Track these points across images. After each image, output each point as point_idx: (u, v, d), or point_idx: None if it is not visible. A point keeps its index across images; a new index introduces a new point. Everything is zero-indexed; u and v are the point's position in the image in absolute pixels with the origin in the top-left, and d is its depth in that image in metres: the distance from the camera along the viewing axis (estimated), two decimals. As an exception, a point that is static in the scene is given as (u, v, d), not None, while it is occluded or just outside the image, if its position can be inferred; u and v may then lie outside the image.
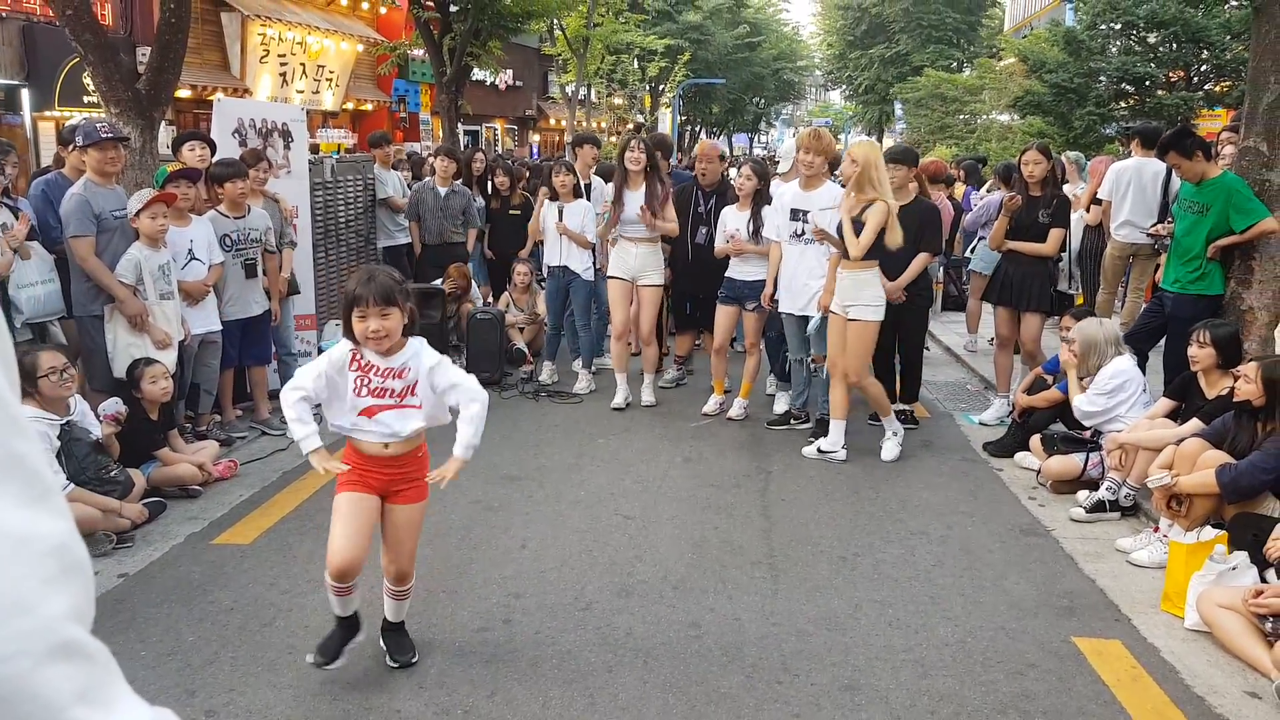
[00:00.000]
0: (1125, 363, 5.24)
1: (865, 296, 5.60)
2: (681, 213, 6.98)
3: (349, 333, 3.09)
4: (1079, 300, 7.48)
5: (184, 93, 14.62)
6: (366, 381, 3.12)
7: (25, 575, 0.56)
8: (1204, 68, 15.13)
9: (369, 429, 3.15)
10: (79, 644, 0.59)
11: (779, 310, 6.30)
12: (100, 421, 4.78)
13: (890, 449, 5.86)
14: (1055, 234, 6.23)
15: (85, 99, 13.03)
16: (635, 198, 6.73)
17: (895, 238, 5.54)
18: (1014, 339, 6.64)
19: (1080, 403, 5.27)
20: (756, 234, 6.38)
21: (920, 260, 6.26)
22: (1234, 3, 14.61)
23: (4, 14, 12.44)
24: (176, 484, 5.06)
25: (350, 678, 3.30)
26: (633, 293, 6.95)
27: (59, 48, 11.84)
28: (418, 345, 3.20)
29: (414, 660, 3.37)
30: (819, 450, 5.85)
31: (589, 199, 7.43)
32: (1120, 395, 5.16)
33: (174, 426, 5.40)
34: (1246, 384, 4.12)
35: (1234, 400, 4.21)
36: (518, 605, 3.86)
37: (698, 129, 42.93)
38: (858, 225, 5.51)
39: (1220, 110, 15.43)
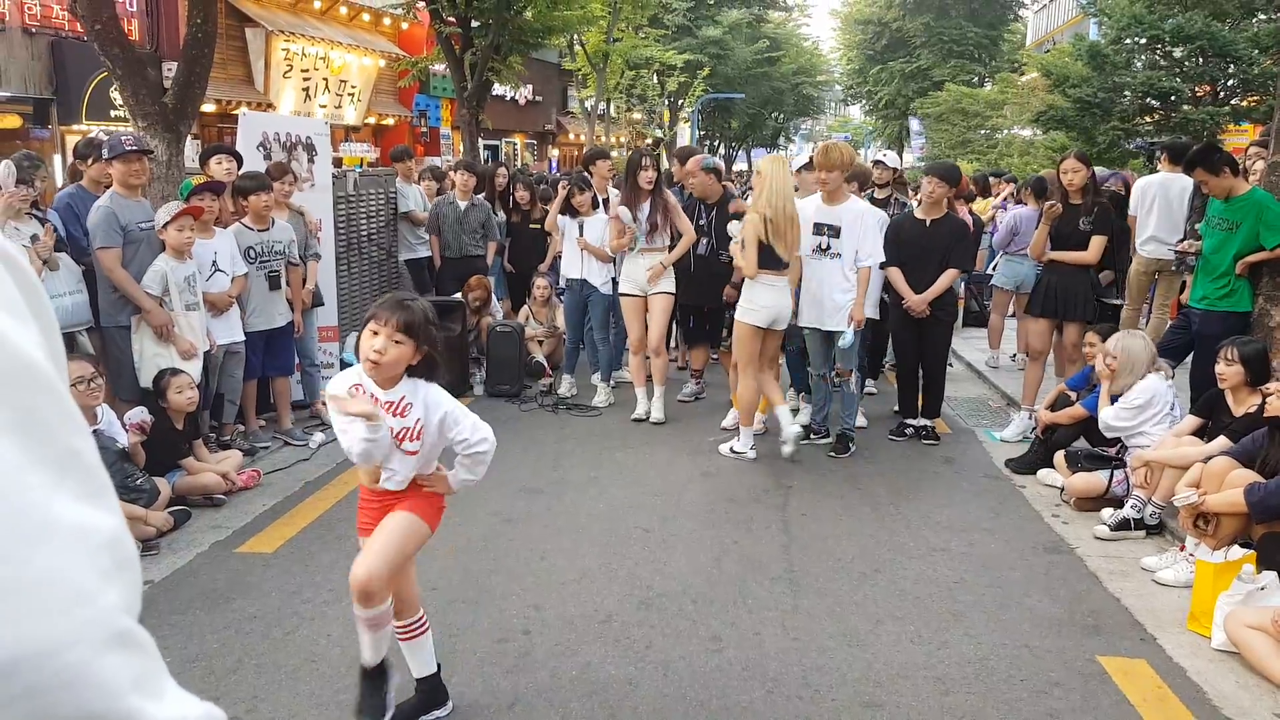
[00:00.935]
0: (1157, 381, 5.18)
1: (747, 300, 6.01)
2: None
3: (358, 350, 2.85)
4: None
5: (209, 107, 14.79)
6: None
7: (85, 567, 0.58)
8: (1231, 82, 14.99)
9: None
10: (133, 635, 0.61)
11: (801, 325, 6.29)
12: (126, 430, 4.82)
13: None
14: (1097, 241, 6.17)
15: (112, 113, 13.22)
16: (644, 211, 6.77)
17: (780, 249, 5.82)
18: (1047, 353, 6.59)
19: (1107, 416, 5.22)
20: None
21: (947, 276, 6.25)
22: (1262, 16, 14.49)
23: (34, 29, 12.65)
24: (201, 493, 5.10)
25: (371, 688, 3.30)
26: (646, 305, 6.97)
27: (87, 63, 12.04)
28: (428, 389, 2.88)
29: None
30: (731, 450, 6.08)
31: (608, 212, 7.46)
32: (1148, 411, 5.11)
33: (199, 436, 5.45)
34: None
35: (1266, 417, 4.15)
36: (537, 617, 3.86)
37: (716, 144, 42.99)
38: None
39: (1247, 125, 15.30)
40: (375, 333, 2.74)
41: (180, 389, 5.17)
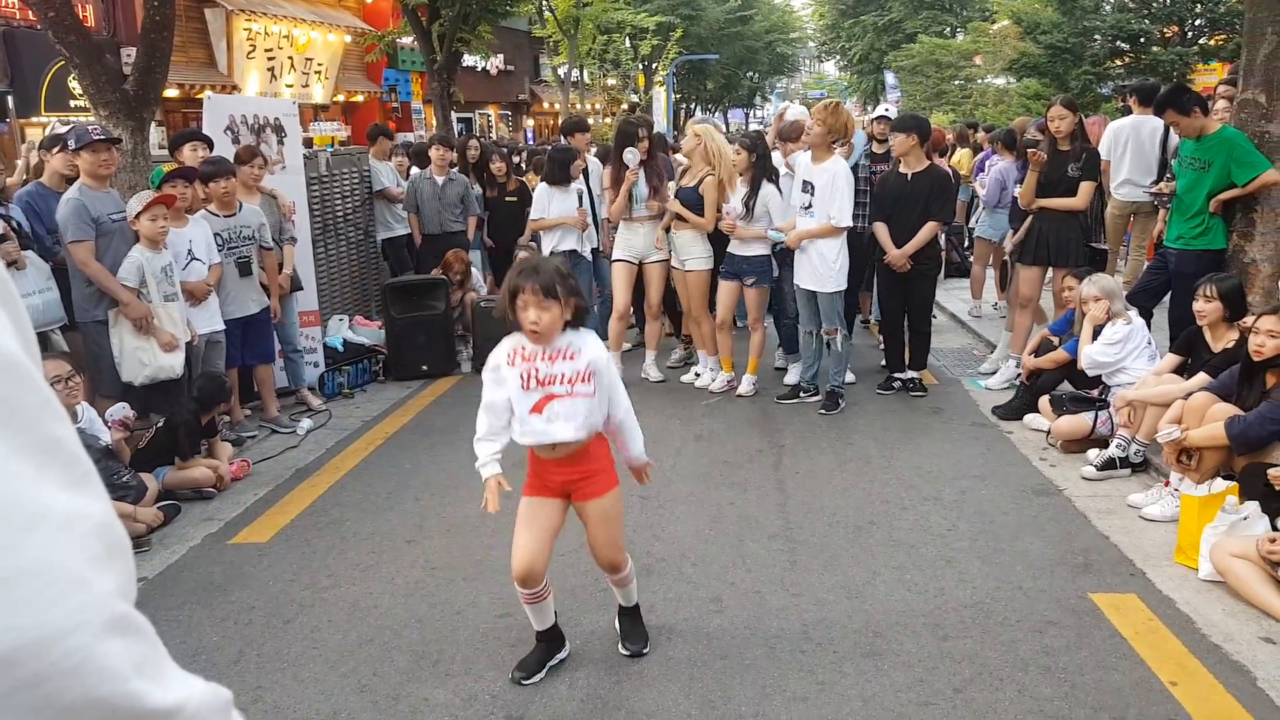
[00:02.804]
0: (1136, 317, 5.32)
1: (696, 251, 6.64)
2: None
3: (514, 318, 2.98)
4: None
5: (171, 92, 14.58)
6: (534, 373, 2.98)
7: (77, 553, 0.58)
8: (1198, 22, 15.01)
9: (545, 430, 2.99)
10: (131, 619, 0.61)
11: (793, 283, 6.31)
12: (108, 427, 4.79)
13: (706, 379, 6.88)
14: (1086, 187, 6.17)
15: (72, 103, 13.00)
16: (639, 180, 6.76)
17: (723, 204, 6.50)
18: (1037, 300, 6.62)
19: (1092, 352, 5.27)
20: (750, 211, 6.35)
21: (927, 229, 6.25)
22: (1226, -46, 14.47)
23: (-13, 21, 12.40)
24: (191, 486, 5.08)
25: (377, 669, 3.33)
26: (637, 274, 6.96)
27: (42, 52, 11.82)
28: (595, 342, 3.06)
29: (644, 651, 3.33)
30: (706, 380, 6.84)
31: (587, 181, 7.43)
32: (1129, 344, 5.20)
33: (215, 433, 5.45)
34: (1272, 339, 4.08)
35: (1255, 358, 4.17)
36: (537, 589, 3.88)
37: (693, 106, 42.67)
38: (694, 192, 6.51)
39: (1215, 64, 15.32)
40: (524, 306, 2.90)
41: None
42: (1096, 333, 5.35)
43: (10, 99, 12.89)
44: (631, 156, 6.62)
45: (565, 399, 2.97)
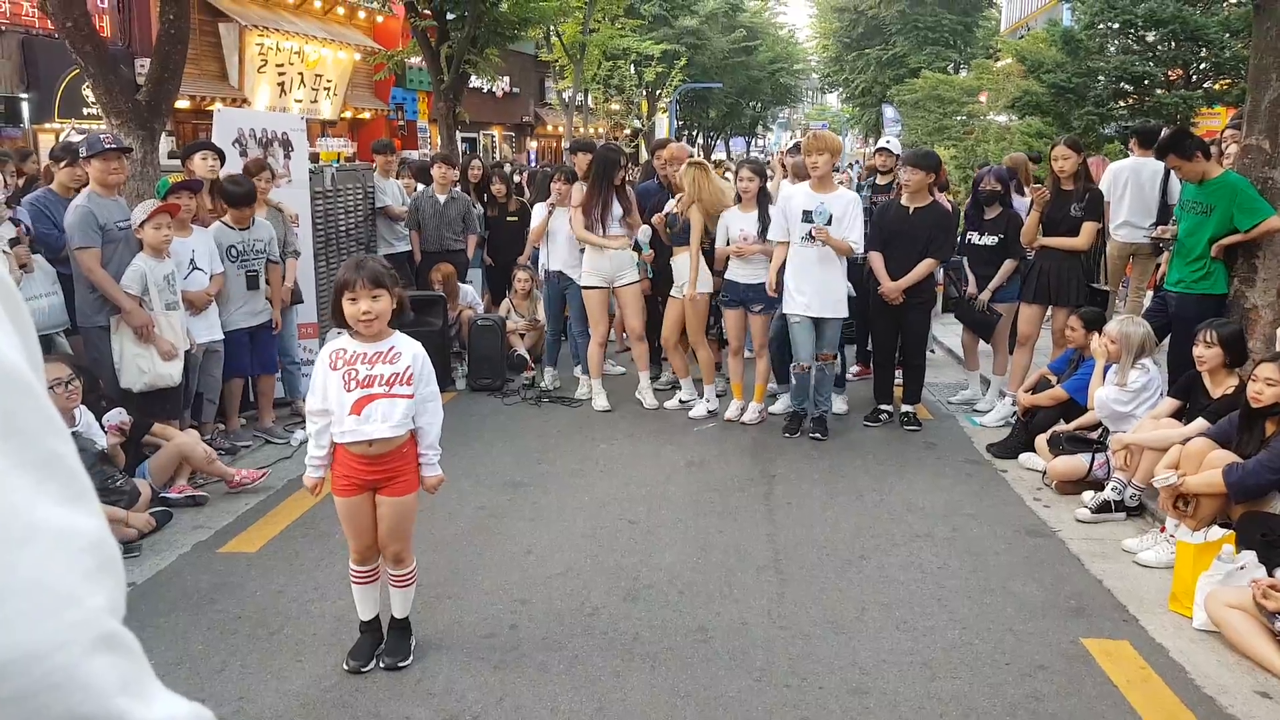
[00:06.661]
0: (1153, 366, 5.26)
1: (698, 276, 6.60)
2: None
3: (339, 320, 3.16)
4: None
5: (183, 103, 14.65)
6: (354, 374, 3.15)
7: (70, 570, 0.59)
8: (1203, 66, 15.09)
9: (358, 429, 3.15)
10: (119, 637, 0.62)
11: (788, 312, 6.29)
12: (105, 432, 4.78)
13: (699, 409, 6.79)
14: (1088, 227, 6.21)
15: (85, 111, 13.08)
16: (616, 208, 6.85)
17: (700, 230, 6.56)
18: (1035, 338, 6.63)
19: (1105, 396, 5.23)
20: (763, 234, 6.37)
21: (924, 266, 6.27)
22: (1232, 0, 14.59)
23: (3, 27, 12.49)
24: (176, 460, 5.07)
25: (359, 684, 3.30)
26: (611, 297, 6.99)
27: (58, 60, 11.88)
28: (410, 342, 3.25)
29: (401, 665, 3.38)
30: (681, 402, 6.88)
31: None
32: (1144, 395, 5.17)
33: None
34: (1270, 386, 4.07)
35: (1254, 405, 4.16)
36: (524, 611, 3.86)
37: (695, 133, 42.93)
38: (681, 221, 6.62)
39: (1219, 108, 15.40)
40: (354, 299, 3.06)
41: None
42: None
43: (26, 105, 13.00)
44: (645, 234, 6.83)
45: (383, 399, 3.14)
